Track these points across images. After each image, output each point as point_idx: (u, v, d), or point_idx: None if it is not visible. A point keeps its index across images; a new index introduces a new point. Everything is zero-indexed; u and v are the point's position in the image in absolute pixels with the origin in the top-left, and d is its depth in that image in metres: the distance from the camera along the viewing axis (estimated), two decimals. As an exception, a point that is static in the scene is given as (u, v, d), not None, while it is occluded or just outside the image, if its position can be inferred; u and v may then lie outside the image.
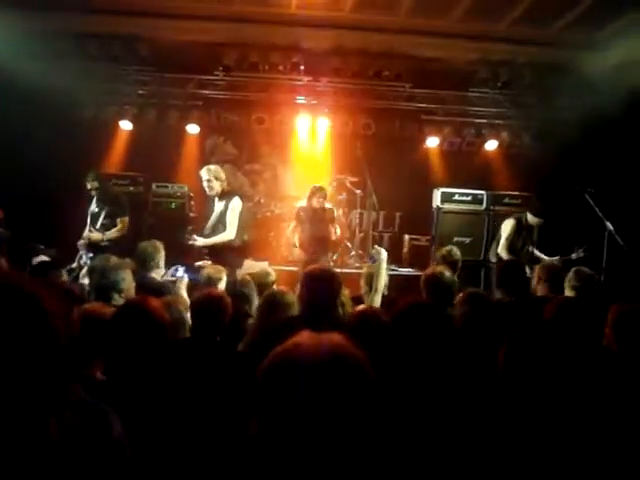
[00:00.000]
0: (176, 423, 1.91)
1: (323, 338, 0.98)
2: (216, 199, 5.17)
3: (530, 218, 5.73)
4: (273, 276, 4.03)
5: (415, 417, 1.75)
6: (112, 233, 5.46)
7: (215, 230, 5.12)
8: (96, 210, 5.54)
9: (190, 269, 4.78)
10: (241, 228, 5.15)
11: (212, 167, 5.17)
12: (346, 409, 0.90)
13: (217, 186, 5.08)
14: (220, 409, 2.03)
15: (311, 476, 0.89)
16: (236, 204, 5.08)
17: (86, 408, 1.30)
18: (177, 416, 1.93)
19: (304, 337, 0.98)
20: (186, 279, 4.19)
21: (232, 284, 3.45)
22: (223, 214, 5.07)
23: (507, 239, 5.78)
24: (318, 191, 6.27)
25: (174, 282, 4.17)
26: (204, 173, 5.09)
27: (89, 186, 5.54)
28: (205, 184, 5.10)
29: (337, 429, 0.89)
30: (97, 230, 5.46)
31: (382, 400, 0.99)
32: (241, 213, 5.13)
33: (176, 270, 4.34)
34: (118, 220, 5.53)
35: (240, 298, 3.21)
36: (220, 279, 3.90)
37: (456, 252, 4.51)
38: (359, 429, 0.91)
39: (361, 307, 2.78)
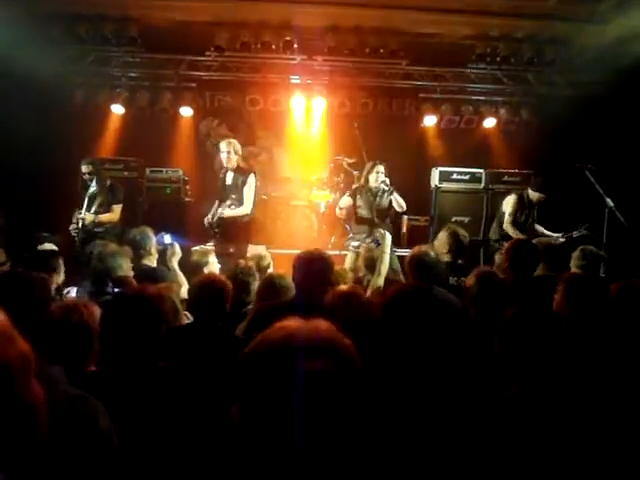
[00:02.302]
0: (175, 412, 1.88)
1: (312, 325, 0.95)
2: (230, 173, 5.26)
3: (531, 194, 5.71)
4: (268, 259, 4.00)
5: (402, 400, 1.70)
6: (104, 217, 5.49)
7: (231, 203, 5.17)
8: (91, 195, 5.46)
9: (175, 234, 4.75)
10: (254, 205, 5.30)
11: (232, 140, 5.33)
12: (335, 398, 0.87)
13: (234, 160, 5.21)
14: (221, 397, 2.00)
15: (297, 468, 0.86)
16: (253, 180, 5.22)
17: (71, 401, 1.26)
18: (177, 405, 1.90)
19: (292, 323, 0.95)
20: (177, 247, 4.14)
21: (233, 270, 3.43)
22: (239, 188, 5.18)
23: (511, 214, 5.74)
24: (374, 167, 5.58)
25: (164, 251, 4.11)
26: (224, 146, 5.22)
27: (84, 169, 5.54)
28: (224, 155, 5.20)
29: (323, 419, 0.86)
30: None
31: (369, 387, 0.95)
32: (256, 190, 5.31)
33: (162, 237, 4.26)
34: (112, 207, 5.55)
35: (240, 285, 3.18)
36: (207, 262, 3.87)
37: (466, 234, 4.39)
38: (345, 419, 0.89)
39: (343, 287, 2.72)
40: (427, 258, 3.34)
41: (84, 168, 5.53)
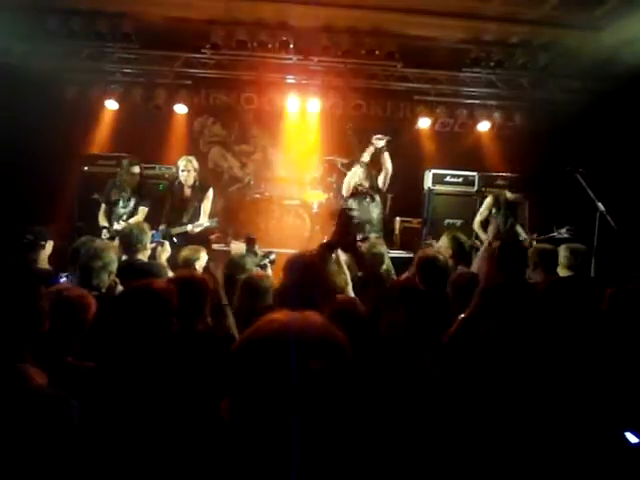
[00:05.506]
0: (169, 407, 1.86)
1: (304, 317, 0.94)
2: (187, 188, 5.52)
3: (509, 195, 5.79)
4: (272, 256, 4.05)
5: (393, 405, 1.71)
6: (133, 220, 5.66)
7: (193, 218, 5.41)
8: (115, 198, 5.67)
9: (163, 232, 5.08)
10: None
11: (191, 158, 5.56)
12: (328, 391, 0.86)
13: (193, 176, 5.49)
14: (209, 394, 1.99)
15: (291, 462, 0.85)
16: (211, 194, 5.56)
17: (45, 397, 1.25)
18: (170, 400, 1.88)
19: (284, 315, 0.94)
20: (167, 245, 4.25)
21: (228, 262, 3.55)
22: (199, 202, 5.47)
23: (480, 214, 5.93)
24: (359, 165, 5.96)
25: (154, 249, 4.17)
26: (183, 164, 5.46)
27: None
28: (185, 174, 5.46)
29: (317, 412, 0.85)
30: (118, 219, 5.59)
31: (361, 385, 0.94)
32: (214, 201, 5.67)
33: (152, 236, 4.30)
34: (139, 209, 5.69)
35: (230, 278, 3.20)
36: (198, 259, 3.86)
37: (467, 239, 4.40)
38: (339, 413, 0.88)
39: (340, 297, 2.69)
40: (438, 262, 3.30)
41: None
